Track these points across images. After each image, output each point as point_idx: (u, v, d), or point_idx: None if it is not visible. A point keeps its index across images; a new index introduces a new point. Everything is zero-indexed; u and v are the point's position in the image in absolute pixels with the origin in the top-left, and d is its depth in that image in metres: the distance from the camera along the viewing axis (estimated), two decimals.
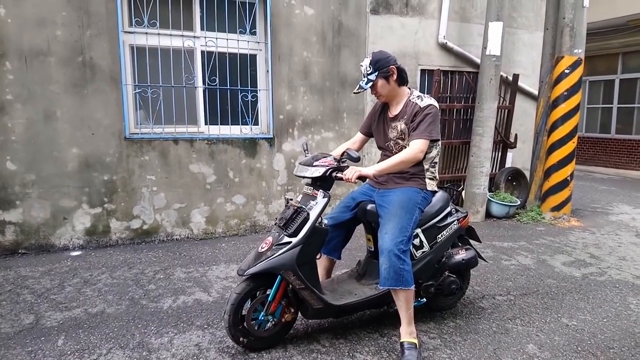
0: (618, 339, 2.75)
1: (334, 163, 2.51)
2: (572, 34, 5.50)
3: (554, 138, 5.71)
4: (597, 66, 11.49)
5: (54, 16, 4.10)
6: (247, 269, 2.38)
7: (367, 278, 2.86)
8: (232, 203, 4.96)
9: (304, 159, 2.60)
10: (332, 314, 2.67)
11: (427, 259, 2.76)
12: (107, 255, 4.24)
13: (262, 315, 2.48)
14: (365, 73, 2.60)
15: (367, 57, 2.63)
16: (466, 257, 2.93)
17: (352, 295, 2.67)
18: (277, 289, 2.47)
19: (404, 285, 2.45)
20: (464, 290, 3.14)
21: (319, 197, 2.49)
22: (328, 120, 5.30)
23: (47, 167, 4.22)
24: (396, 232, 2.47)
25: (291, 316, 2.58)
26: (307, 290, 2.44)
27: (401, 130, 2.66)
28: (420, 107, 2.58)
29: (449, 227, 2.85)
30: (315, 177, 2.48)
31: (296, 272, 2.38)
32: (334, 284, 2.84)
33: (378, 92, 2.66)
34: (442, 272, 2.89)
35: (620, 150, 11.25)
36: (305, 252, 2.42)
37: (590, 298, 3.37)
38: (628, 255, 4.41)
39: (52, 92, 4.17)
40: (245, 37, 4.88)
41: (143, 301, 3.23)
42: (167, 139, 4.61)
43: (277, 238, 2.45)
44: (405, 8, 5.53)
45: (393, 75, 2.61)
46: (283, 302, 2.53)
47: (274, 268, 2.36)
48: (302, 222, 2.42)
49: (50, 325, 2.84)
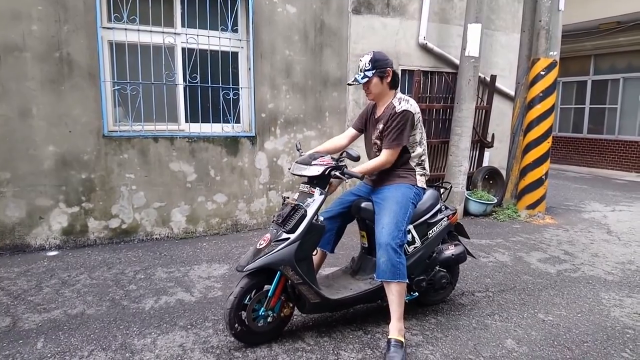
0: (591, 333, 2.86)
1: (332, 162, 2.57)
2: (548, 37, 5.65)
3: (529, 138, 5.87)
4: (570, 67, 11.83)
5: (30, 10, 3.98)
6: (247, 265, 2.43)
7: (361, 273, 2.95)
8: (213, 202, 4.93)
9: (301, 157, 2.67)
10: (328, 308, 2.75)
11: (419, 254, 2.87)
12: (85, 255, 4.16)
13: (263, 310, 2.53)
14: (363, 68, 2.69)
15: (367, 54, 2.71)
16: (455, 252, 3.06)
17: (348, 290, 2.75)
18: (277, 285, 2.52)
19: (400, 279, 2.55)
20: (454, 285, 3.25)
21: (316, 194, 2.55)
22: (310, 119, 5.32)
23: (22, 165, 4.11)
24: (392, 227, 2.56)
25: (289, 311, 2.65)
26: (305, 285, 2.50)
27: (379, 131, 2.77)
28: (396, 112, 2.67)
29: (439, 223, 2.97)
30: (314, 176, 2.54)
31: (294, 267, 2.44)
32: (330, 280, 2.92)
33: (369, 90, 2.75)
34: (433, 267, 3.00)
35: (592, 150, 11.62)
36: (303, 248, 2.48)
37: (565, 294, 3.48)
38: (600, 251, 4.57)
39: (28, 88, 4.06)
40: (226, 34, 4.85)
41: (124, 302, 3.18)
42: (146, 137, 4.55)
43: (275, 235, 2.51)
44: (386, 8, 5.58)
45: (387, 77, 2.72)
46: (282, 297, 2.59)
47: (273, 263, 2.41)
48: (300, 219, 2.49)
49: (28, 328, 2.78)
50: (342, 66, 5.41)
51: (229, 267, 3.91)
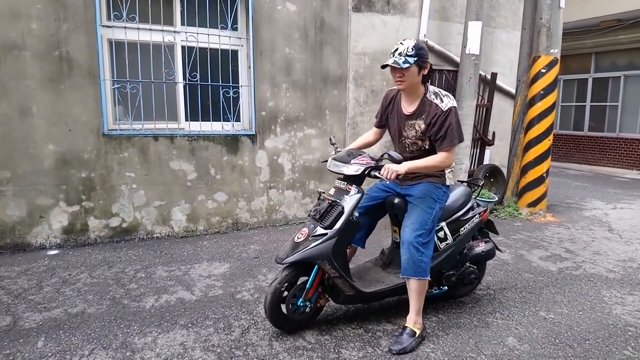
0: (593, 331, 2.85)
1: (372, 162, 2.62)
2: (549, 34, 5.63)
3: (530, 136, 5.85)
4: (571, 65, 11.80)
5: (29, 9, 3.97)
6: (286, 258, 2.54)
7: (392, 267, 3.02)
8: (214, 200, 4.93)
9: (338, 154, 2.74)
10: (361, 300, 2.87)
11: (450, 250, 2.94)
12: (85, 254, 4.15)
13: (301, 301, 2.65)
14: (405, 52, 2.51)
15: (408, 39, 2.57)
16: (485, 249, 3.14)
17: (381, 283, 2.86)
18: (314, 277, 2.63)
19: (422, 276, 2.61)
20: (480, 279, 3.31)
21: (353, 191, 2.62)
22: (311, 117, 5.30)
23: (22, 164, 4.11)
24: (416, 226, 2.61)
25: (325, 301, 2.79)
26: (341, 278, 2.61)
27: (422, 131, 2.65)
28: (443, 111, 2.57)
29: (471, 220, 3.03)
30: (353, 174, 2.59)
31: (332, 261, 2.54)
32: (361, 272, 3.01)
33: (404, 77, 2.57)
34: (464, 263, 3.06)
35: (592, 147, 11.60)
36: (340, 243, 2.58)
37: (566, 292, 3.47)
38: (601, 249, 4.56)
39: (28, 87, 4.05)
40: (226, 32, 4.83)
41: (125, 300, 3.18)
42: (146, 136, 4.54)
43: (312, 229, 2.61)
44: (386, 6, 5.56)
45: (425, 70, 2.61)
46: (319, 288, 2.71)
47: (311, 257, 2.52)
48: (338, 215, 2.57)
49: (29, 327, 2.77)
50: (343, 64, 5.40)
51: (229, 266, 3.90)
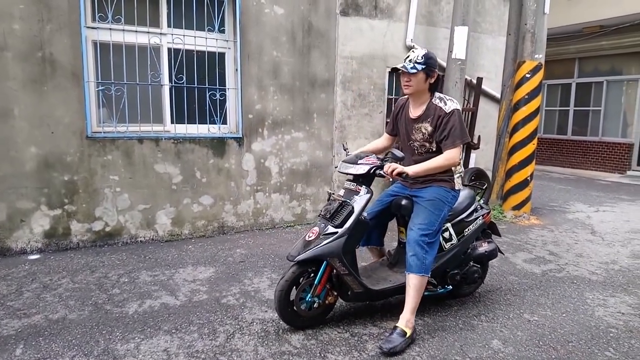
0: (576, 333, 2.88)
1: (377, 162, 2.71)
2: (533, 40, 5.71)
3: (515, 140, 5.92)
4: (555, 70, 11.99)
5: (11, 9, 3.90)
6: (297, 255, 2.63)
7: (399, 266, 3.07)
8: (199, 204, 4.88)
9: (348, 157, 2.85)
10: (369, 298, 2.95)
11: (455, 250, 3.05)
12: (67, 258, 4.08)
13: (309, 297, 2.73)
14: (415, 59, 2.68)
15: (420, 49, 2.77)
16: (488, 249, 3.24)
17: (388, 282, 2.95)
18: (322, 274, 2.71)
19: (424, 272, 2.69)
20: (483, 279, 3.42)
21: (362, 192, 2.72)
22: (298, 120, 5.30)
23: (3, 167, 4.02)
24: (423, 227, 2.71)
25: (333, 299, 2.85)
26: (350, 276, 2.70)
27: (429, 133, 2.76)
28: (446, 112, 2.70)
29: (475, 222, 3.14)
30: (360, 174, 2.70)
31: (342, 259, 2.64)
32: (368, 271, 3.10)
33: (411, 83, 2.72)
34: (467, 263, 3.17)
35: (576, 151, 11.79)
36: (350, 241, 2.67)
37: (550, 294, 3.51)
38: (584, 252, 4.62)
39: (9, 88, 3.97)
40: (213, 35, 4.81)
41: (107, 306, 3.13)
42: (131, 138, 4.48)
43: (323, 228, 2.70)
44: (374, 10, 5.59)
45: (432, 78, 2.75)
46: (327, 285, 2.79)
47: (322, 255, 2.62)
48: (348, 214, 2.66)
49: (7, 334, 2.71)
50: (330, 68, 5.41)
51: (214, 270, 3.87)
